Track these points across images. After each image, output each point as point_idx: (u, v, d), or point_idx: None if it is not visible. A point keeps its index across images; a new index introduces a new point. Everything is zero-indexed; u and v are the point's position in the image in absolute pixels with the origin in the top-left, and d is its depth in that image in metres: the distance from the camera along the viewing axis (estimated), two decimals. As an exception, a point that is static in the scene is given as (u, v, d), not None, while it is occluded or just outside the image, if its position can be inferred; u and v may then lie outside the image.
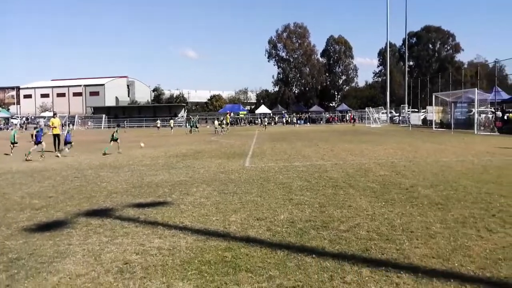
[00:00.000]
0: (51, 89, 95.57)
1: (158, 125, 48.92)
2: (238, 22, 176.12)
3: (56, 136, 19.39)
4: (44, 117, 64.18)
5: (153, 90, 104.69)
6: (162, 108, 75.89)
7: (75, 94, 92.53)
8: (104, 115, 67.93)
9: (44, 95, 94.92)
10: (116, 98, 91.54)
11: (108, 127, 62.41)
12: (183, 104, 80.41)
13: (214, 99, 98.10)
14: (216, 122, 41.62)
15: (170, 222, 6.51)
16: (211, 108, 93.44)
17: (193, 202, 7.89)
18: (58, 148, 18.88)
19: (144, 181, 10.61)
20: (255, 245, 5.29)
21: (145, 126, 65.77)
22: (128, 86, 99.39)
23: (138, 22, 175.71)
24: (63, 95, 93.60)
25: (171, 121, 45.52)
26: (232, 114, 65.36)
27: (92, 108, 77.79)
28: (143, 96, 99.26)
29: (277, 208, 7.20)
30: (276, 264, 4.61)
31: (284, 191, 8.76)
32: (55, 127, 19.84)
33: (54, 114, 24.35)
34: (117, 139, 19.23)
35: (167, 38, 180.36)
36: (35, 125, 28.21)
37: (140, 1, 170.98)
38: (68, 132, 19.53)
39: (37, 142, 17.22)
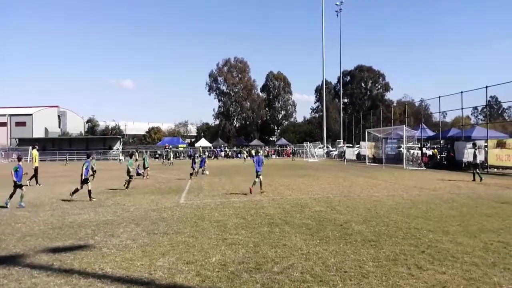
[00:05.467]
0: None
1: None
2: (178, 53, 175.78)
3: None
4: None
5: (87, 121, 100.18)
6: (96, 140, 72.38)
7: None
8: (30, 147, 63.09)
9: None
10: (46, 129, 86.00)
11: (35, 160, 58.05)
12: (118, 136, 77.32)
13: (153, 131, 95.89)
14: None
15: (89, 269, 5.85)
16: (149, 140, 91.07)
17: (117, 244, 7.24)
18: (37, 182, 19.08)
19: (65, 221, 9.69)
20: (182, 293, 4.85)
21: (77, 159, 62.04)
22: (59, 116, 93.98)
23: (70, 49, 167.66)
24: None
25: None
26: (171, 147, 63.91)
27: (17, 139, 72.16)
28: (76, 127, 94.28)
29: (209, 250, 6.81)
30: (203, 316, 4.21)
31: (219, 230, 8.38)
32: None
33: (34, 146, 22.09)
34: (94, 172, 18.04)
35: (102, 67, 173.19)
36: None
37: (73, 27, 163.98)
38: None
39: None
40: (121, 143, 71.47)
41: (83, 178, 13.43)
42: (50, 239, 7.78)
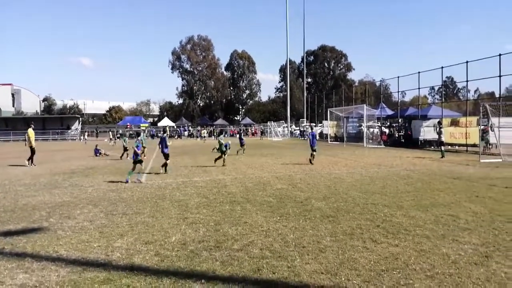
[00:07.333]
0: None
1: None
2: (139, 30, 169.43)
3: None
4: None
5: (43, 100, 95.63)
6: (53, 119, 69.33)
7: None
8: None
9: None
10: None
11: (-13, 141, 55.20)
12: (77, 115, 74.49)
13: (114, 110, 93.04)
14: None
15: (42, 252, 5.66)
16: (109, 120, 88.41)
17: (73, 226, 7.03)
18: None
19: (18, 203, 9.29)
20: (140, 273, 4.79)
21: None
22: (13, 94, 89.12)
23: (25, 24, 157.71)
24: None
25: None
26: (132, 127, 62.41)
27: (-33, 119, 68.02)
28: (31, 106, 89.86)
29: (169, 229, 6.74)
30: (160, 295, 4.18)
31: (180, 210, 8.32)
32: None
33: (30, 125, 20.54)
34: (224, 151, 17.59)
35: (59, 44, 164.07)
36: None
37: (27, 1, 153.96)
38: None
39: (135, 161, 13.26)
40: (80, 122, 68.90)
41: (166, 153, 15.35)
42: (1, 223, 7.44)
